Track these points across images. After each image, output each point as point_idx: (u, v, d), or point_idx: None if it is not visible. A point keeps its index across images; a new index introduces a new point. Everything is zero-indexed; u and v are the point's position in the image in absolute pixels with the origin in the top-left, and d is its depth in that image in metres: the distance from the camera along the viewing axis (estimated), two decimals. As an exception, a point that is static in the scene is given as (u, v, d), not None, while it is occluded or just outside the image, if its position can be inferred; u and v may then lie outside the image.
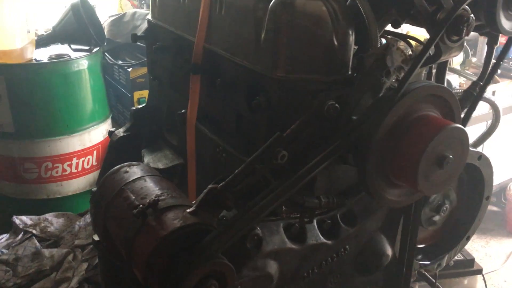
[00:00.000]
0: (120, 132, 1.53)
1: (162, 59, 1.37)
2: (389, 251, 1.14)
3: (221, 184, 0.84)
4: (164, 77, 1.40)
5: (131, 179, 0.93)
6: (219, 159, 1.17)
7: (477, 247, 2.96)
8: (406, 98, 0.83)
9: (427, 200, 1.18)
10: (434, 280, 1.47)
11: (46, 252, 1.95)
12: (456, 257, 1.86)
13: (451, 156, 0.84)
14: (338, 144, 0.87)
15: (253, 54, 1.00)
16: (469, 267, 1.82)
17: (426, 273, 1.43)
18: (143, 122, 1.54)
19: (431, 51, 0.87)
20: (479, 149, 1.26)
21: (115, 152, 1.52)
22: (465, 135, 0.86)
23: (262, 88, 0.98)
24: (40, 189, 2.48)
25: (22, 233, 2.09)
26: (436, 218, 1.21)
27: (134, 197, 0.88)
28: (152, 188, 0.90)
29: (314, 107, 0.89)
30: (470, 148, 1.17)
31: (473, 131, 1.44)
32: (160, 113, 1.49)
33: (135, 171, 0.96)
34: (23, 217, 2.17)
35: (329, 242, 1.05)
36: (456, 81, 2.76)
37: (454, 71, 2.62)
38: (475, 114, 1.13)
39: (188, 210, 0.83)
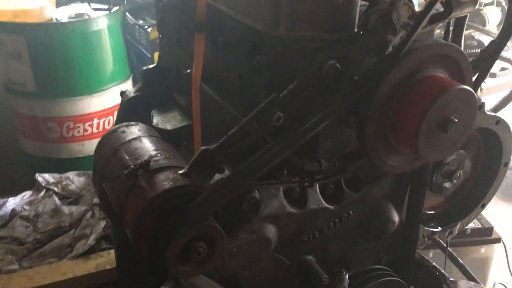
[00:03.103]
0: (131, 92, 1.52)
1: (169, 16, 1.33)
2: (395, 217, 1.10)
3: (214, 146, 0.82)
4: (172, 35, 1.36)
5: (127, 139, 0.92)
6: (224, 120, 1.14)
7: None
8: (409, 58, 0.78)
9: (439, 165, 1.14)
10: (446, 246, 1.44)
11: (66, 209, 1.99)
12: (473, 224, 1.82)
13: (456, 120, 0.79)
14: (337, 105, 0.83)
15: (255, 11, 0.95)
16: (487, 236, 1.77)
17: (440, 240, 1.40)
18: (153, 82, 1.52)
19: (439, 6, 0.81)
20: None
21: (125, 113, 1.51)
22: (472, 98, 0.80)
23: (263, 47, 0.94)
24: (62, 148, 2.52)
25: (44, 190, 2.14)
26: (448, 184, 1.16)
27: (128, 158, 0.87)
28: (146, 148, 0.89)
29: (313, 67, 0.85)
30: (488, 113, 1.11)
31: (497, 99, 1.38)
32: (170, 73, 1.46)
33: (132, 131, 0.95)
34: (46, 175, 2.22)
35: (331, 207, 1.02)
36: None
37: (487, 32, 2.50)
38: (499, 81, 1.07)
39: (180, 172, 0.81)
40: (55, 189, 2.17)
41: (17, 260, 1.75)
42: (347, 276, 0.98)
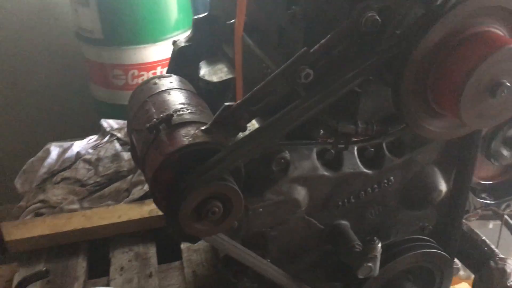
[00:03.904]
0: (182, 42, 1.50)
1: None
2: (442, 186, 1.02)
3: (238, 102, 0.78)
4: (221, -17, 1.31)
5: (156, 92, 0.90)
6: (266, 74, 1.10)
7: None
8: (456, 11, 0.68)
9: (498, 130, 1.03)
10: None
11: (125, 155, 2.06)
12: None
13: (508, 84, 0.69)
14: (373, 61, 0.76)
15: (294, -44, 0.88)
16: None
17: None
18: (204, 31, 1.48)
19: None
20: None
21: (176, 63, 1.50)
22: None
23: (300, -2, 0.88)
24: (127, 95, 2.58)
25: (108, 135, 2.23)
26: (507, 153, 1.05)
27: (154, 110, 0.86)
28: (173, 102, 0.87)
29: (350, 19, 0.77)
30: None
31: None
32: (220, 22, 1.42)
33: (163, 83, 0.93)
34: (110, 121, 2.30)
35: (369, 171, 0.96)
36: None
37: None
38: None
39: (202, 128, 0.79)
40: (118, 134, 2.25)
41: (78, 201, 1.85)
42: (379, 245, 0.93)
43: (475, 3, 0.69)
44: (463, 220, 1.09)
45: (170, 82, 0.94)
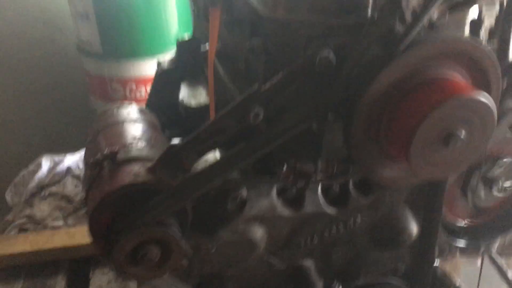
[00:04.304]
0: (165, 64, 1.47)
1: (197, -13, 1.25)
2: (413, 227, 0.97)
3: (183, 141, 0.74)
4: (199, 8, 1.29)
5: (111, 123, 0.87)
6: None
7: None
8: (409, 54, 0.64)
9: (477, 170, 0.98)
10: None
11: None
12: None
13: (461, 136, 0.64)
14: (326, 101, 0.72)
15: (258, -11, 0.85)
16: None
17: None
18: (187, 54, 1.46)
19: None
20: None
21: (158, 86, 1.47)
22: (488, 110, 0.65)
23: (261, 29, 0.84)
24: (126, 108, 2.58)
25: (102, 150, 2.22)
26: (483, 194, 1.00)
27: (104, 143, 0.83)
28: (125, 135, 0.84)
29: (304, 56, 0.73)
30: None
31: None
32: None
33: (120, 114, 0.90)
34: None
35: (333, 211, 0.92)
36: None
37: None
38: None
39: (147, 166, 0.75)
40: (113, 149, 2.24)
41: (63, 218, 1.83)
42: (339, 290, 0.89)
43: (433, 47, 0.64)
44: (436, 264, 1.03)
45: (128, 112, 0.91)
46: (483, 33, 0.92)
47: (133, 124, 0.87)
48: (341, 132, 0.80)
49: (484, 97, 0.63)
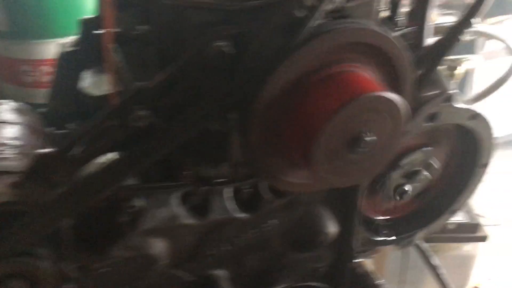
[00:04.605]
0: (68, 45, 1.32)
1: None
2: (330, 228, 0.90)
3: (51, 150, 0.62)
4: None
5: (-25, 127, 0.74)
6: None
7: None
8: (307, 47, 0.55)
9: (396, 164, 0.92)
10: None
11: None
12: (459, 220, 1.59)
13: (368, 138, 0.57)
14: (220, 100, 0.62)
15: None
16: (472, 233, 1.55)
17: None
18: (94, 35, 1.31)
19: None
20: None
21: (62, 71, 1.32)
22: (396, 109, 0.57)
23: (151, 15, 0.73)
24: (39, 93, 2.37)
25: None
26: (408, 187, 0.95)
27: (-36, 154, 0.69)
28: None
29: (195, 48, 0.63)
30: (460, 105, 0.88)
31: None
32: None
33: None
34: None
35: (244, 216, 0.83)
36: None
37: None
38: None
39: (11, 181, 0.63)
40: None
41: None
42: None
43: (332, 38, 0.56)
44: (358, 262, 0.98)
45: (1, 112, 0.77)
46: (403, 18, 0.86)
47: (4, 127, 0.74)
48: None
49: (390, 95, 0.56)
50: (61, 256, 0.66)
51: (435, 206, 1.03)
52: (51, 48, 2.25)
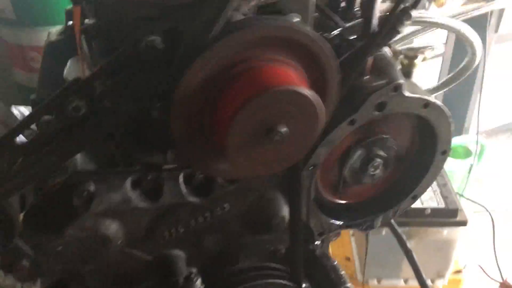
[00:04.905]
0: (53, 34, 1.37)
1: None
2: (285, 211, 0.94)
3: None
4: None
5: None
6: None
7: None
8: (220, 42, 0.58)
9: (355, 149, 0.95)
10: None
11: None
12: (436, 204, 1.60)
13: (281, 130, 0.60)
14: (156, 91, 0.66)
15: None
16: (451, 218, 1.55)
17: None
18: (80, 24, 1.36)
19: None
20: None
21: (49, 59, 1.37)
22: (308, 104, 0.59)
23: (94, 10, 0.76)
24: (46, 78, 2.45)
25: (19, 123, 2.11)
26: (373, 170, 0.97)
27: None
28: None
29: (127, 43, 0.67)
30: (411, 95, 0.90)
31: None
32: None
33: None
34: (22, 108, 2.17)
35: (196, 200, 0.87)
36: None
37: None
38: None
39: None
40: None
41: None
42: (198, 281, 0.86)
43: (247, 34, 0.58)
44: (317, 244, 1.02)
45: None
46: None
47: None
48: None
49: (304, 90, 0.58)
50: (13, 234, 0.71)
51: (397, 191, 1.05)
52: (57, 35, 2.32)
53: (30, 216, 0.79)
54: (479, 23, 1.96)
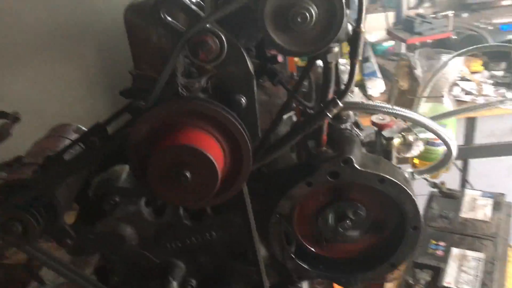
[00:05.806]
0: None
1: None
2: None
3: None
4: None
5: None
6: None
7: None
8: (150, 110, 0.87)
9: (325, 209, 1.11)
10: None
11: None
12: None
13: (187, 176, 0.84)
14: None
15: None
16: None
17: None
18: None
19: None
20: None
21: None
22: (207, 162, 0.84)
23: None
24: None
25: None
26: (337, 232, 1.11)
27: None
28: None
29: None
30: (365, 170, 1.03)
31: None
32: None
33: None
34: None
35: (188, 223, 1.15)
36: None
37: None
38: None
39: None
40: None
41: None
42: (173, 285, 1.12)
43: (169, 107, 0.87)
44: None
45: None
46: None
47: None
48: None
49: (200, 148, 0.84)
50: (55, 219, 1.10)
51: (375, 256, 1.15)
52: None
53: (81, 210, 1.19)
54: None
